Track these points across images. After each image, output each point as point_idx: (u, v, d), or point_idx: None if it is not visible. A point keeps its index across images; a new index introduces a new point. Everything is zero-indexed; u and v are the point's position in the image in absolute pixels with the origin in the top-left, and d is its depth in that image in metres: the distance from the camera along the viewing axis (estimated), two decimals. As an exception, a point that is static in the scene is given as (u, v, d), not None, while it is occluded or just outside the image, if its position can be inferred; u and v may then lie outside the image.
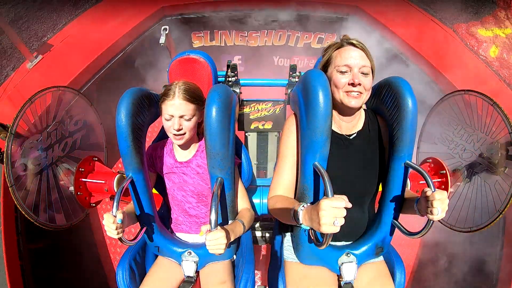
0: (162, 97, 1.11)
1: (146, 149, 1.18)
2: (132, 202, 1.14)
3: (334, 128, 1.07)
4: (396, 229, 1.06)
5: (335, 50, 1.03)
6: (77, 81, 2.26)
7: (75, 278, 2.11)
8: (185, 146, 1.19)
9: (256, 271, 2.04)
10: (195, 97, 1.11)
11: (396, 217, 1.06)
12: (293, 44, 3.03)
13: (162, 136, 1.40)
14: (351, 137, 1.08)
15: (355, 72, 0.97)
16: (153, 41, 2.72)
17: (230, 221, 1.13)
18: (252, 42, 3.03)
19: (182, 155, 1.21)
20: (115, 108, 1.02)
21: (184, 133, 1.11)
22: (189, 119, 1.10)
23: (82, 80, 2.31)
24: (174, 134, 1.11)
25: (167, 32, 2.10)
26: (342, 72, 0.99)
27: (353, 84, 0.97)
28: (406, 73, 2.55)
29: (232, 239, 1.00)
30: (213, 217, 0.90)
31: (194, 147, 1.22)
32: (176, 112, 1.08)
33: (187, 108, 1.09)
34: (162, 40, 2.07)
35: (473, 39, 2.39)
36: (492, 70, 2.36)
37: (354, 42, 1.00)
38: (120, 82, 2.61)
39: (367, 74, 0.98)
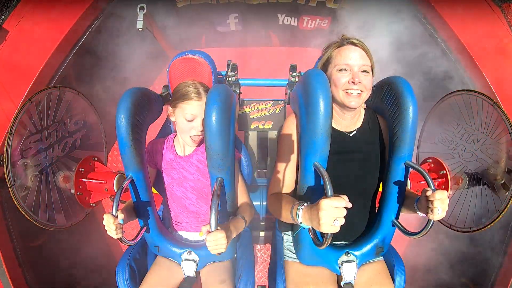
0: (184, 96, 1.09)
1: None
2: (130, 199, 1.15)
3: (333, 125, 1.07)
4: (396, 229, 1.06)
5: (335, 49, 1.03)
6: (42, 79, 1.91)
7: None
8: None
9: (256, 271, 2.04)
10: None
11: (396, 217, 1.06)
12: (304, 1, 2.49)
13: (162, 136, 1.40)
14: (351, 134, 1.09)
15: (355, 71, 0.97)
16: (123, 12, 2.15)
17: (230, 217, 1.13)
18: (251, -2, 2.44)
19: (183, 150, 1.21)
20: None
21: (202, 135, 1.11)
22: None
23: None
24: (194, 136, 1.11)
25: (144, 12, 1.69)
26: (342, 71, 0.99)
27: (353, 83, 0.97)
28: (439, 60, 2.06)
29: (233, 236, 1.00)
30: (213, 217, 0.90)
31: None
32: (202, 113, 1.07)
33: None
34: (139, 24, 1.69)
35: (523, 28, 1.78)
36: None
37: (354, 41, 1.01)
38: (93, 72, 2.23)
39: (368, 72, 0.99)
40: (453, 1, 2.00)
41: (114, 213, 0.96)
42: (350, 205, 0.76)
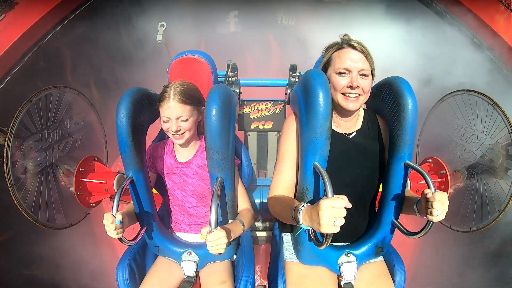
0: (159, 100, 1.11)
1: (146, 149, 1.18)
2: (132, 201, 1.14)
3: (333, 127, 1.07)
4: (396, 229, 1.06)
5: (334, 52, 1.03)
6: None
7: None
8: (185, 145, 1.19)
9: (256, 271, 2.04)
10: (190, 98, 1.11)
11: (396, 217, 1.06)
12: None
13: (162, 136, 1.40)
14: (350, 136, 1.08)
15: (354, 75, 0.97)
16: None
17: (230, 221, 1.13)
18: (250, -5, 2.55)
19: (182, 155, 1.22)
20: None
21: (183, 133, 1.12)
22: (186, 120, 1.11)
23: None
24: (174, 135, 1.11)
25: (164, 28, 1.92)
26: (340, 74, 0.99)
27: (351, 87, 0.97)
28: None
29: (231, 239, 1.00)
30: (213, 217, 0.90)
31: (194, 147, 1.22)
32: (172, 114, 1.08)
33: (183, 110, 1.09)
34: (159, 37, 1.91)
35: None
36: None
37: (354, 44, 1.00)
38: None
39: (366, 76, 0.98)
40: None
41: (114, 213, 0.96)
42: (350, 205, 0.76)
